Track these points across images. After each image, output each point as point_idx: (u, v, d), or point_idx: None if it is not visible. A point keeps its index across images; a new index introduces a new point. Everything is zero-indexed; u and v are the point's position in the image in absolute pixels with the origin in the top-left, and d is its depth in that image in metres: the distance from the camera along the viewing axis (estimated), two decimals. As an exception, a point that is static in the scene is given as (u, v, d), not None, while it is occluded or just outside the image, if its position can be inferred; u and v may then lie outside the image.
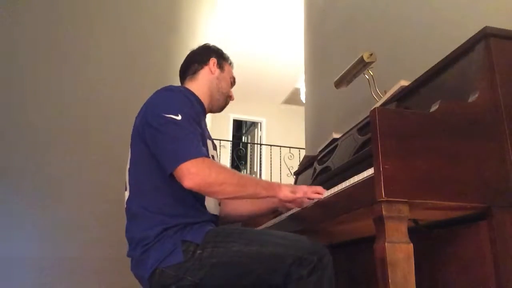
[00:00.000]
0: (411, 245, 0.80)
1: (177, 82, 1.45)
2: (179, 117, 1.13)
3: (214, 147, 1.37)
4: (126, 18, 3.67)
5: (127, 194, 1.24)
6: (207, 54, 1.43)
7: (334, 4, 2.87)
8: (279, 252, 1.07)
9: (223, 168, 1.12)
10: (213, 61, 1.41)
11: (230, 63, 1.49)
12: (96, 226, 3.00)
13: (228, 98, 1.45)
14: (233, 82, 1.48)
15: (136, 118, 1.27)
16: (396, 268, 0.78)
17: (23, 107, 3.12)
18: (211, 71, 1.40)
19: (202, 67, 1.41)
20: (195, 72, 1.40)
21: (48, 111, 3.19)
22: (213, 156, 1.32)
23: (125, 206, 1.23)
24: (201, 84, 1.38)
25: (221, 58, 1.45)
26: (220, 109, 1.45)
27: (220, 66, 1.43)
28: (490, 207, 0.86)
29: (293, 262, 1.05)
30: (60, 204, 3.01)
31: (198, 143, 1.12)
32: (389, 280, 0.77)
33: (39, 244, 2.90)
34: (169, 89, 1.25)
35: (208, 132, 1.34)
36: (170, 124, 1.12)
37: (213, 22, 5.07)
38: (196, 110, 1.23)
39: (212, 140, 1.36)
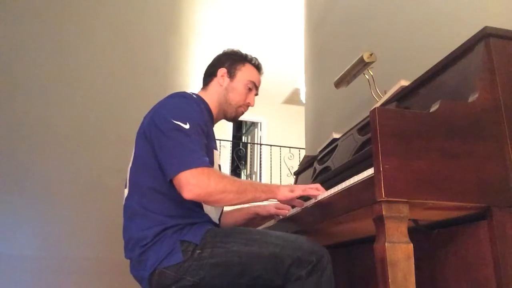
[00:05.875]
0: (411, 245, 0.80)
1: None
2: (187, 125, 1.13)
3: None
4: (126, 18, 3.67)
5: (126, 191, 1.24)
6: (217, 65, 1.42)
7: (334, 4, 2.87)
8: (278, 252, 1.07)
9: (222, 176, 1.12)
10: (221, 72, 1.39)
11: (253, 63, 1.43)
12: (97, 227, 3.00)
13: (239, 108, 1.40)
14: (252, 87, 1.40)
15: (145, 118, 1.27)
16: (396, 268, 0.78)
17: (21, 108, 3.12)
18: (219, 83, 1.39)
19: (211, 79, 1.41)
20: (206, 84, 1.42)
21: (47, 112, 3.19)
22: (219, 166, 1.33)
23: (124, 203, 1.23)
24: (210, 96, 1.38)
25: (236, 63, 1.41)
26: (231, 119, 1.42)
27: (231, 75, 1.39)
28: (490, 207, 0.86)
29: (292, 262, 1.06)
30: (60, 204, 3.01)
31: (201, 152, 1.12)
32: (389, 280, 0.77)
33: (39, 244, 2.90)
34: (183, 95, 1.25)
35: (215, 142, 1.33)
36: (176, 130, 1.12)
37: (213, 22, 5.07)
38: (206, 119, 1.23)
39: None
